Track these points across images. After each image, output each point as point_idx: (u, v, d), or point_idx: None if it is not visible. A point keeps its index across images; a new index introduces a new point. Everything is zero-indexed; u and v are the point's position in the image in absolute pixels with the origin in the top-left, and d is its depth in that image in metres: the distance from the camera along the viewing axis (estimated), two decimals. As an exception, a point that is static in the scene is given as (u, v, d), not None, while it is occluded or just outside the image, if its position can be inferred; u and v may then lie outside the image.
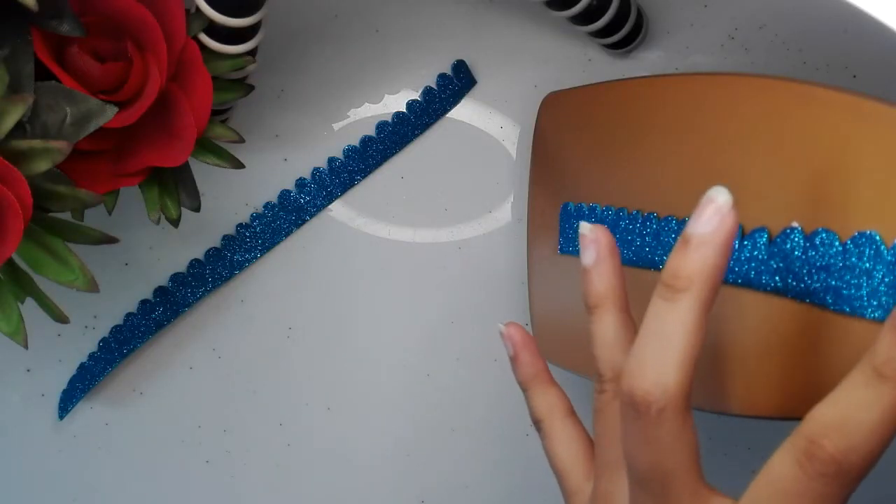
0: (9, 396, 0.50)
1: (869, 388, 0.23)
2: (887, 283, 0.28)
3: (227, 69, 0.40)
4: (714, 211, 0.26)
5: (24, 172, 0.33)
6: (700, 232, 0.26)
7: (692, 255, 0.26)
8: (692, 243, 0.26)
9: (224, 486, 0.52)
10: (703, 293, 0.26)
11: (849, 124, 0.30)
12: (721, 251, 0.26)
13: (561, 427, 0.33)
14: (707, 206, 0.26)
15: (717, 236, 0.26)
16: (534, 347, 0.35)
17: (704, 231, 0.26)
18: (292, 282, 0.51)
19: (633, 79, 0.41)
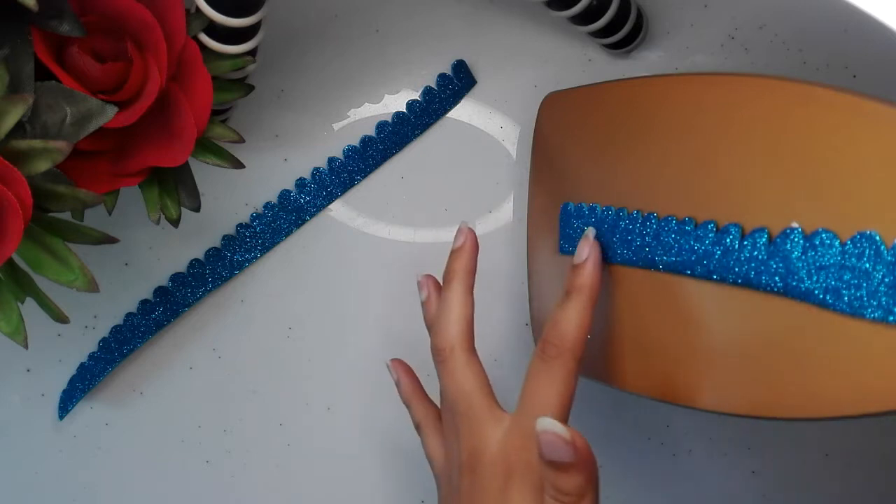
0: (9, 396, 0.50)
1: (565, 301, 0.37)
2: (887, 283, 0.28)
3: (227, 69, 0.40)
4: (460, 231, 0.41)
5: (24, 172, 0.33)
6: (455, 247, 0.41)
7: (452, 258, 0.41)
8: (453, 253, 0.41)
9: (224, 486, 0.52)
10: (466, 279, 0.40)
11: (849, 124, 0.30)
12: (463, 255, 0.41)
13: (433, 429, 0.41)
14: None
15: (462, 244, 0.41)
16: (412, 374, 0.44)
17: (457, 245, 0.41)
18: (292, 282, 0.51)
19: (633, 79, 0.41)
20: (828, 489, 0.51)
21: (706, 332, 0.35)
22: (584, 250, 0.38)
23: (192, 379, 0.51)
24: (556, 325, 0.37)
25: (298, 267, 0.51)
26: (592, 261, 0.38)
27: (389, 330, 0.51)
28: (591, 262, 0.38)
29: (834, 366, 0.30)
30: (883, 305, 0.28)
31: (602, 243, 0.40)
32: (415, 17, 0.49)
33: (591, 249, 0.38)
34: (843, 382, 0.30)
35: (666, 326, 0.37)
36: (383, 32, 0.49)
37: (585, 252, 0.38)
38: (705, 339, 0.35)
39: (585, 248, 0.38)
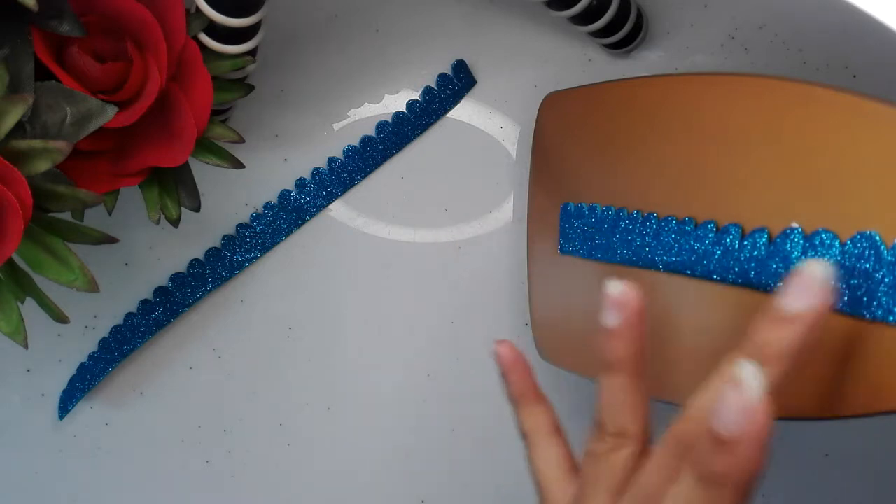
0: (9, 396, 0.50)
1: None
2: (887, 283, 0.28)
3: (227, 69, 0.40)
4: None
5: (24, 172, 0.33)
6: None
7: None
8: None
9: (224, 486, 0.52)
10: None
11: (849, 124, 0.30)
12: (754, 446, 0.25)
13: (546, 444, 0.34)
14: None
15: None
16: (524, 365, 0.35)
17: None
18: (292, 282, 0.51)
19: (633, 79, 0.41)
20: (828, 489, 0.51)
21: (706, 332, 0.35)
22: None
23: (192, 379, 0.51)
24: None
25: (298, 267, 0.51)
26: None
27: (390, 330, 0.51)
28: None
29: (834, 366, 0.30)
30: (883, 305, 0.28)
31: (602, 243, 0.40)
32: (415, 17, 0.49)
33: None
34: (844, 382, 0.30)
35: (664, 327, 0.37)
36: (383, 32, 0.49)
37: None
38: (705, 339, 0.35)
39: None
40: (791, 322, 0.27)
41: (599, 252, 0.40)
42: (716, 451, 0.24)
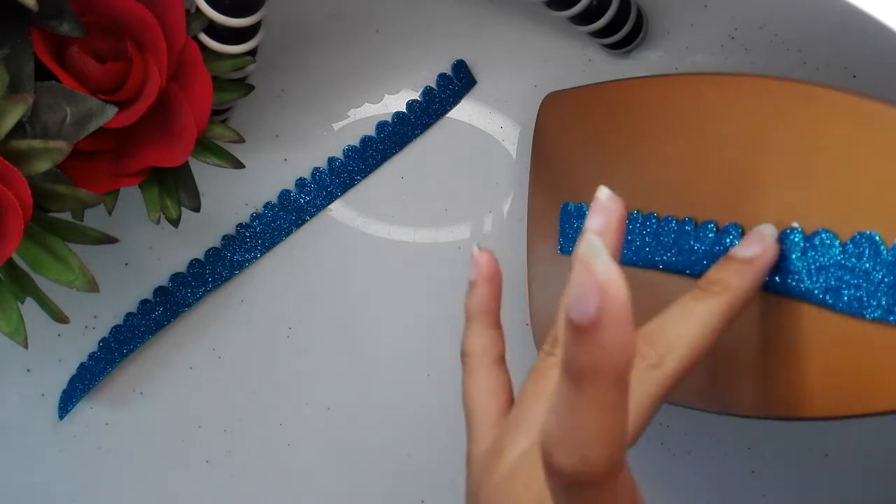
0: (9, 396, 0.50)
1: None
2: (887, 283, 0.28)
3: (227, 69, 0.40)
4: None
5: (24, 172, 0.33)
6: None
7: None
8: None
9: (224, 486, 0.52)
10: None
11: (849, 124, 0.30)
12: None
13: (487, 371, 0.31)
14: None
15: None
16: (496, 285, 0.32)
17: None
18: (292, 282, 0.51)
19: (633, 79, 0.41)
20: (828, 489, 0.51)
21: (706, 332, 0.35)
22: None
23: (192, 379, 0.51)
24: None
25: (298, 267, 0.51)
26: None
27: (390, 330, 0.51)
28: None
29: (834, 366, 0.30)
30: (883, 305, 0.28)
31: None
32: (415, 17, 0.49)
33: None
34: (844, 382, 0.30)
35: (666, 326, 0.37)
36: (383, 32, 0.49)
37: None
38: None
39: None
40: (741, 262, 0.29)
41: (599, 252, 0.40)
42: (578, 343, 0.20)
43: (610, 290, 0.19)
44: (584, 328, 0.20)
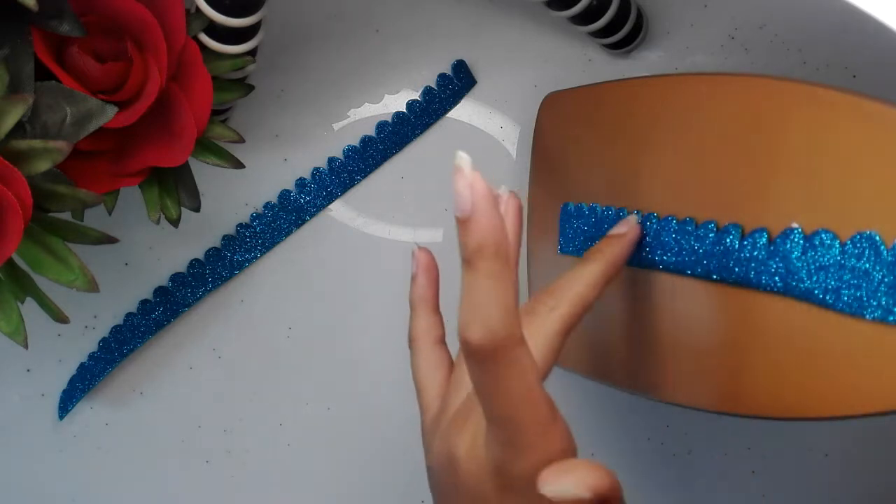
0: (9, 396, 0.50)
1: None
2: (887, 283, 0.28)
3: (227, 69, 0.40)
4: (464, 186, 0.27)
5: (24, 172, 0.33)
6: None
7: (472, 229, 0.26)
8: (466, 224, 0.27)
9: (224, 486, 0.52)
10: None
11: (849, 124, 0.30)
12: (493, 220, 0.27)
13: (430, 350, 0.36)
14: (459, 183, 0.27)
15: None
16: (433, 276, 0.37)
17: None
18: (292, 282, 0.51)
19: (633, 79, 0.41)
20: (828, 489, 0.51)
21: (706, 333, 0.35)
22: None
23: (192, 379, 0.51)
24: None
25: (298, 267, 0.51)
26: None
27: (389, 330, 0.51)
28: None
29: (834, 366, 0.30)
30: (883, 305, 0.28)
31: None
32: (415, 17, 0.49)
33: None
34: (844, 382, 0.30)
35: (665, 326, 0.37)
36: (383, 32, 0.49)
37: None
38: (705, 340, 0.35)
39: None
40: (613, 237, 0.37)
41: (599, 252, 0.40)
42: (464, 233, 0.26)
43: (476, 187, 0.26)
44: (465, 220, 0.26)
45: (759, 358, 0.33)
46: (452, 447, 0.31)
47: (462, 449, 0.31)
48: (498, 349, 0.26)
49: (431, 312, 0.37)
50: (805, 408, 0.31)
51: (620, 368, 0.40)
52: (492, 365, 0.27)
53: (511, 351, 0.27)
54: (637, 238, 0.37)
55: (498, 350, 0.26)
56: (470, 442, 0.30)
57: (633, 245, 0.37)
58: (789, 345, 0.32)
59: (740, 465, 0.51)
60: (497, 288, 0.26)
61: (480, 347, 0.26)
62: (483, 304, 0.26)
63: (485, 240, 0.26)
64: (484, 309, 0.26)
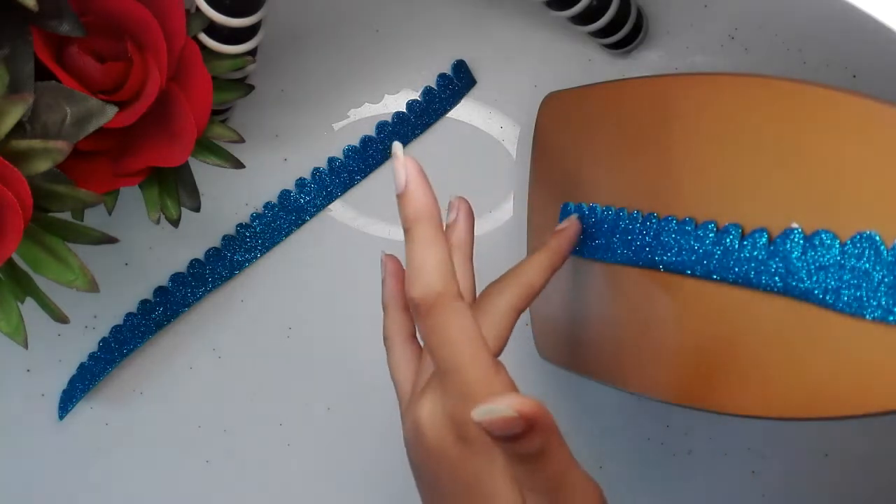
0: (9, 396, 0.50)
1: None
2: (887, 283, 0.28)
3: (227, 69, 0.40)
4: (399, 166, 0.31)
5: (24, 172, 0.33)
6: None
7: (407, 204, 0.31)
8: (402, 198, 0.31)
9: (224, 486, 0.52)
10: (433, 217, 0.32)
11: (849, 124, 0.30)
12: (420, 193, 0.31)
13: (402, 346, 0.38)
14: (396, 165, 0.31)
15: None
16: (401, 278, 0.39)
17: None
18: (292, 282, 0.51)
19: (633, 79, 0.41)
20: (828, 489, 0.51)
21: (706, 332, 0.35)
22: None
23: (192, 379, 0.51)
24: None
25: (298, 267, 0.51)
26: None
27: (389, 330, 0.51)
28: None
29: (834, 366, 0.30)
30: (883, 305, 0.28)
31: (602, 243, 0.40)
32: (415, 17, 0.49)
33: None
34: (843, 382, 0.30)
35: (665, 326, 0.37)
36: (383, 32, 0.49)
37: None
38: (705, 339, 0.35)
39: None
40: (557, 231, 0.41)
41: (599, 252, 0.40)
42: (401, 205, 0.31)
43: (409, 165, 0.30)
44: (401, 194, 0.31)
45: (759, 358, 0.33)
46: (415, 416, 0.33)
47: (423, 412, 0.33)
48: (437, 301, 0.30)
49: (401, 310, 0.39)
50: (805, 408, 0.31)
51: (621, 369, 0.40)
52: (433, 316, 0.30)
53: (448, 302, 0.30)
54: (578, 232, 0.41)
55: (437, 302, 0.30)
56: (430, 406, 0.33)
57: (575, 238, 0.41)
58: (789, 345, 0.32)
59: (740, 465, 0.51)
60: (431, 249, 0.31)
61: (422, 300, 0.30)
62: (420, 264, 0.31)
63: (417, 209, 0.30)
64: (420, 268, 0.30)
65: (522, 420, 0.28)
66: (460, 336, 0.31)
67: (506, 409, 0.28)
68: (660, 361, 0.38)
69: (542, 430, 0.29)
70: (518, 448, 0.29)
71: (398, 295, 0.39)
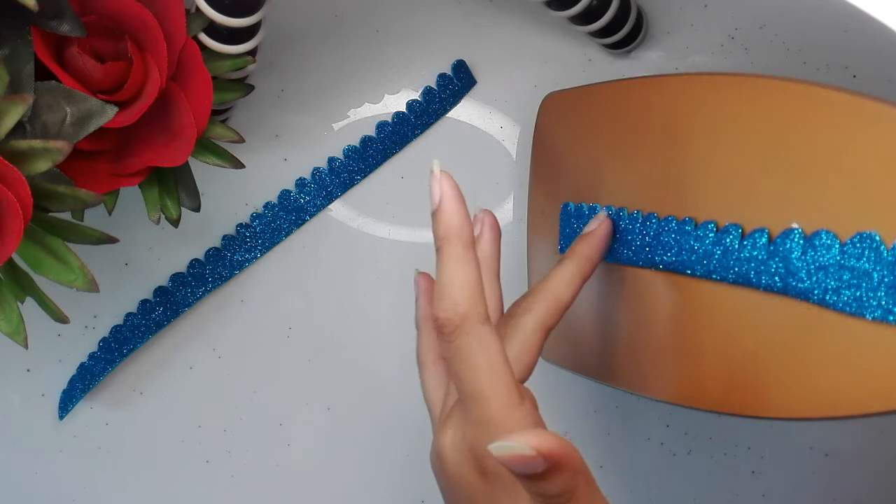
0: (9, 396, 0.50)
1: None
2: (887, 283, 0.28)
3: (227, 69, 0.40)
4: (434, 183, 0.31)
5: (24, 172, 0.33)
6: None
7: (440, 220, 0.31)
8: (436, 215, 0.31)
9: (224, 486, 0.52)
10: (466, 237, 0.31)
11: (849, 124, 0.30)
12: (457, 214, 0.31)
13: (433, 367, 0.37)
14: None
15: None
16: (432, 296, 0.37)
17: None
18: (292, 282, 0.51)
19: (634, 79, 0.41)
20: (828, 489, 0.51)
21: (706, 332, 0.35)
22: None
23: (192, 379, 0.51)
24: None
25: (298, 267, 0.51)
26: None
27: (389, 329, 0.51)
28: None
29: (834, 366, 0.30)
30: (883, 305, 0.28)
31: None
32: (415, 17, 0.49)
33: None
34: (844, 382, 0.30)
35: (665, 326, 0.37)
36: (383, 32, 0.49)
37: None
38: (705, 339, 0.35)
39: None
40: (585, 235, 0.38)
41: (599, 252, 0.40)
42: (434, 223, 0.30)
43: (444, 182, 0.30)
44: (435, 211, 0.30)
45: (759, 358, 0.33)
46: (438, 444, 0.33)
47: (446, 440, 0.32)
48: (462, 323, 0.29)
49: (433, 330, 0.38)
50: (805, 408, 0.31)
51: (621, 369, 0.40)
52: (457, 338, 0.29)
53: (474, 326, 0.29)
54: (609, 232, 0.38)
55: (462, 324, 0.29)
56: (451, 433, 0.32)
57: (605, 240, 0.38)
58: (789, 345, 0.32)
59: (740, 465, 0.51)
60: (459, 269, 0.30)
61: (447, 321, 0.29)
62: (448, 284, 0.30)
63: (449, 227, 0.30)
64: (448, 287, 0.30)
65: (542, 459, 0.27)
66: (484, 362, 0.30)
67: (523, 446, 0.27)
68: (659, 361, 0.38)
69: (568, 469, 0.28)
70: (540, 487, 0.28)
71: (430, 314, 0.38)
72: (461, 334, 0.30)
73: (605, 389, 0.43)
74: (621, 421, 0.52)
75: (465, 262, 0.30)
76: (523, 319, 0.36)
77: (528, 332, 0.35)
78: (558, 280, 0.37)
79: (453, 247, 0.30)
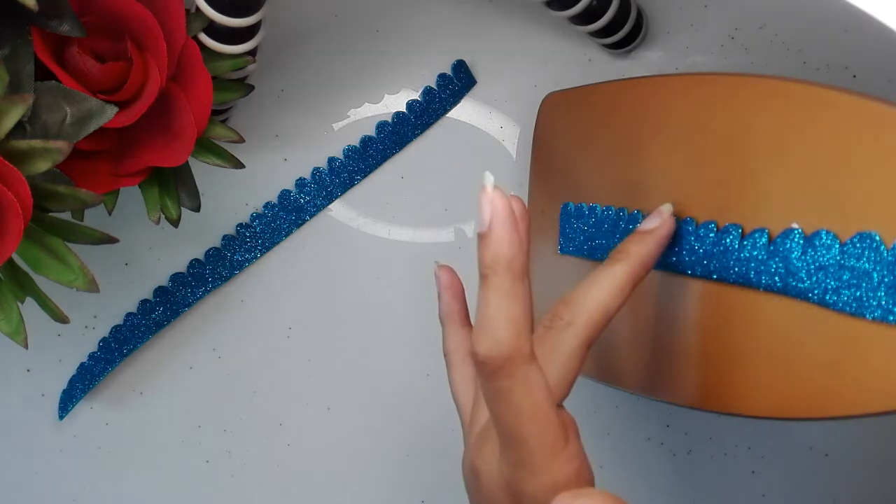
0: (9, 396, 0.50)
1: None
2: (887, 283, 0.28)
3: (227, 69, 0.40)
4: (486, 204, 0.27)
5: (24, 172, 0.33)
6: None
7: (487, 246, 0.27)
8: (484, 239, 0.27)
9: (224, 486, 0.52)
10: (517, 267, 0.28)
11: (849, 124, 0.30)
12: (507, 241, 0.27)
13: (462, 364, 0.35)
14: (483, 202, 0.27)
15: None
16: (457, 290, 0.37)
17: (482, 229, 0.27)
18: (292, 282, 0.51)
19: (633, 79, 0.41)
20: (828, 489, 0.51)
21: (706, 332, 0.35)
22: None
23: (192, 379, 0.51)
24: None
25: (298, 267, 0.51)
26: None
27: (389, 329, 0.51)
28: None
29: (834, 366, 0.30)
30: (883, 305, 0.28)
31: (602, 243, 0.40)
32: (415, 17, 0.49)
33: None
34: (844, 382, 0.30)
35: (665, 326, 0.37)
36: (383, 32, 0.49)
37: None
38: (705, 340, 0.35)
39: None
40: (642, 233, 0.34)
41: (599, 252, 0.40)
42: (481, 247, 0.27)
43: (496, 201, 0.26)
44: (483, 234, 0.26)
45: (759, 358, 0.33)
46: (475, 461, 0.31)
47: (482, 464, 0.31)
48: (504, 364, 0.27)
49: (460, 326, 0.36)
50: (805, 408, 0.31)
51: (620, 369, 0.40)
52: (499, 379, 0.27)
53: (518, 367, 0.27)
54: (670, 233, 0.34)
55: (505, 365, 0.27)
56: (488, 459, 0.30)
57: (664, 242, 0.34)
58: (789, 345, 0.32)
59: (740, 465, 0.51)
60: (505, 303, 0.27)
61: (488, 360, 0.27)
62: (492, 318, 0.26)
63: (498, 255, 0.26)
64: (492, 322, 0.26)
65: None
66: (527, 407, 0.27)
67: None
68: (659, 361, 0.38)
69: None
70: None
71: (456, 310, 0.36)
72: (503, 377, 0.27)
73: (605, 389, 0.43)
74: (621, 421, 0.52)
75: (512, 298, 0.27)
76: (564, 336, 0.32)
77: (569, 353, 0.32)
78: (606, 287, 0.32)
79: (501, 279, 0.27)
